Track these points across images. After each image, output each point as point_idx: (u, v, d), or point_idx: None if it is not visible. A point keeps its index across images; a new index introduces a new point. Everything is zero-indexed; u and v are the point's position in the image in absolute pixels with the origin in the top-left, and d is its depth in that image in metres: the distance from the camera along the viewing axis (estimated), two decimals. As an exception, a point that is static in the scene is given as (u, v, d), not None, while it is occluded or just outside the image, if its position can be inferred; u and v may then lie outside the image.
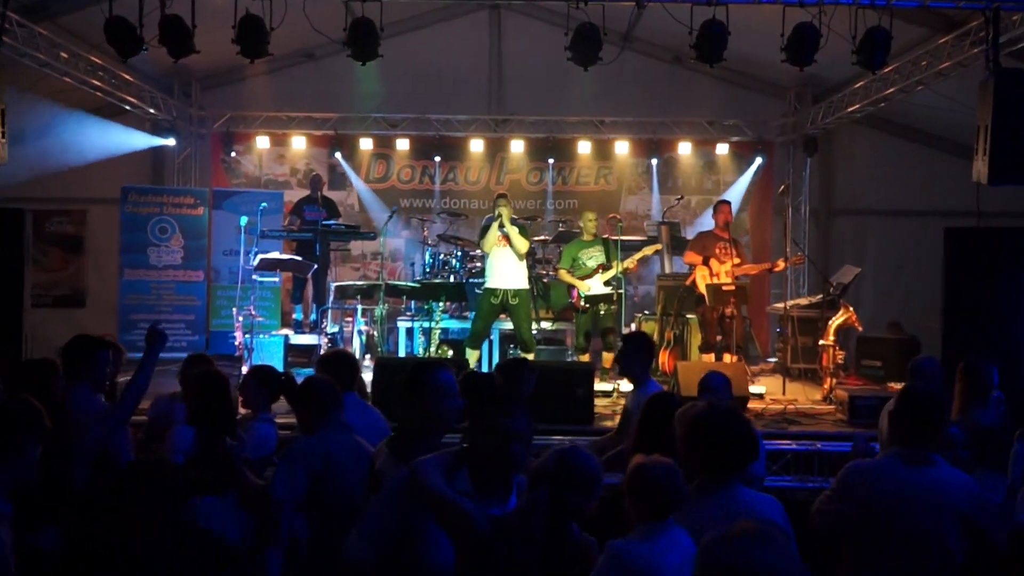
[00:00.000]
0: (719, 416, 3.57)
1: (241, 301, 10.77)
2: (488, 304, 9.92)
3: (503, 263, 9.89)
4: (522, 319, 9.94)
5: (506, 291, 9.84)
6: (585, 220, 10.58)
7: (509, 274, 9.90)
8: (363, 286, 11.26)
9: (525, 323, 9.97)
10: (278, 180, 14.67)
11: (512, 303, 9.88)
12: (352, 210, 14.58)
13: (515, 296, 9.89)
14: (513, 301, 9.88)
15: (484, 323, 10.06)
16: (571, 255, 10.62)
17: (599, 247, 10.33)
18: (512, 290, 9.87)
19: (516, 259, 9.89)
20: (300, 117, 14.27)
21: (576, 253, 10.60)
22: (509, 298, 9.86)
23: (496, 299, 9.86)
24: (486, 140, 14.34)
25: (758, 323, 13.68)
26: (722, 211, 10.40)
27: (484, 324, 10.07)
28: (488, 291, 9.94)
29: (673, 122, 14.23)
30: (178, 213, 12.86)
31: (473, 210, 14.31)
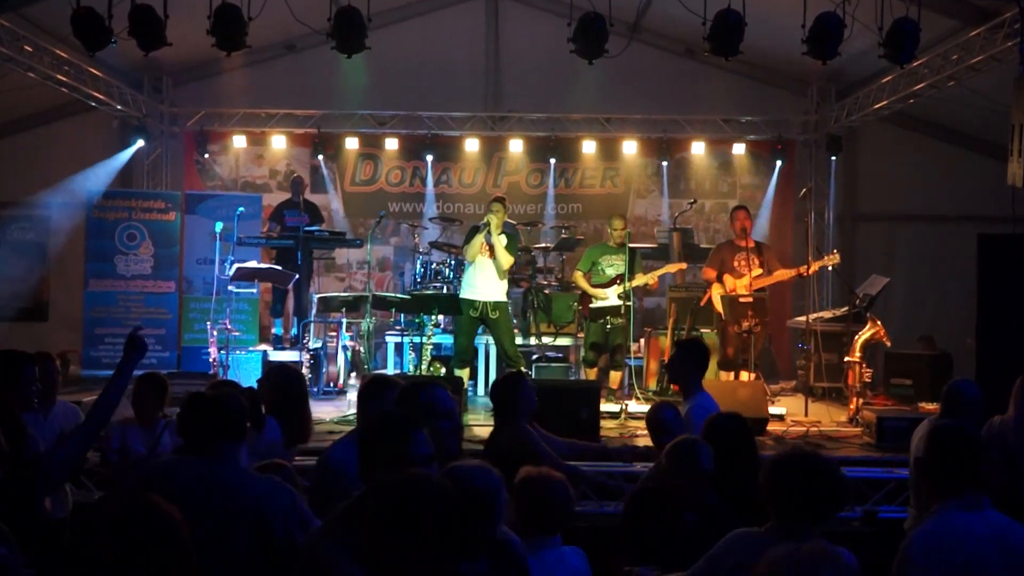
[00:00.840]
0: (798, 461, 3.56)
1: (216, 314, 10.77)
2: (467, 317, 10.00)
3: (483, 274, 9.97)
4: (503, 332, 10.02)
5: (485, 303, 9.91)
6: (612, 227, 10.56)
7: (488, 286, 9.98)
8: (348, 298, 11.26)
9: (507, 336, 10.05)
10: (256, 182, 14.70)
11: (492, 316, 9.94)
12: (336, 215, 14.59)
13: (495, 309, 9.95)
14: (493, 314, 9.94)
15: (467, 337, 10.12)
16: (592, 258, 10.64)
17: (622, 256, 10.31)
18: (491, 302, 9.94)
19: (496, 271, 9.95)
20: (280, 114, 14.31)
21: (598, 257, 10.62)
22: (488, 311, 9.93)
23: (475, 311, 9.96)
24: (482, 139, 14.38)
25: (778, 338, 13.69)
26: (738, 218, 10.40)
27: (467, 338, 10.14)
28: (466, 302, 10.00)
29: (685, 120, 14.27)
30: (148, 218, 12.87)
31: (468, 215, 14.33)
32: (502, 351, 10.10)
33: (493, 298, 9.93)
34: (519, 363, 9.99)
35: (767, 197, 14.58)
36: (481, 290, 9.95)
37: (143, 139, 13.85)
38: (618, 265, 10.35)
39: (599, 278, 10.53)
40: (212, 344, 10.44)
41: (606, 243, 10.72)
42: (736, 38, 8.43)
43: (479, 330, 10.41)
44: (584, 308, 10.70)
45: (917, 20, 8.41)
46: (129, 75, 13.77)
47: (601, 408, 8.61)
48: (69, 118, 14.05)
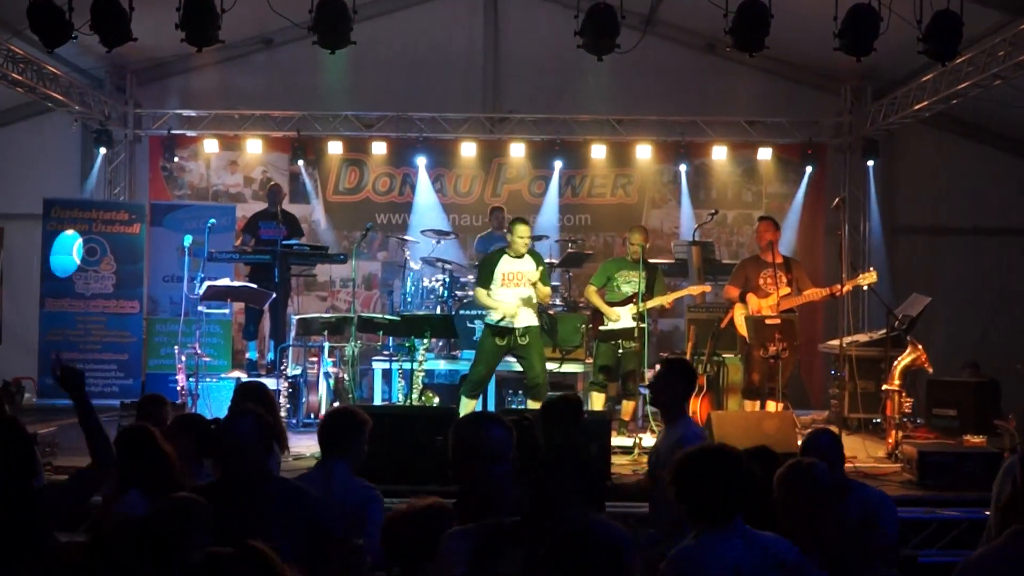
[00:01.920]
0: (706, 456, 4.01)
1: (184, 337, 10.77)
2: (492, 345, 9.90)
3: (514, 298, 9.87)
4: (535, 360, 9.92)
5: (513, 330, 9.85)
6: (634, 240, 10.52)
7: (520, 310, 9.87)
8: (331, 319, 11.27)
9: (539, 364, 9.95)
10: (229, 191, 14.76)
11: (521, 343, 9.87)
12: (318, 227, 14.64)
13: (524, 334, 9.87)
14: (522, 340, 9.86)
15: (487, 368, 10.05)
16: (607, 273, 10.61)
17: (640, 273, 10.29)
18: (520, 328, 9.87)
19: (524, 298, 9.88)
20: (256, 116, 14.37)
21: (614, 272, 10.58)
22: (517, 338, 9.87)
23: (502, 341, 9.86)
24: (480, 143, 14.44)
25: (808, 364, 13.69)
26: (764, 230, 10.39)
27: (487, 370, 10.07)
28: (492, 330, 9.92)
29: (705, 121, 14.33)
30: (109, 231, 12.90)
31: (464, 227, 14.38)
32: (532, 378, 9.94)
33: (522, 323, 9.87)
34: (543, 395, 9.90)
35: (796, 207, 14.62)
36: (512, 315, 9.84)
37: (105, 145, 13.91)
38: (635, 282, 10.33)
39: (614, 295, 10.52)
40: (180, 371, 10.43)
41: (624, 257, 10.71)
42: (761, 32, 8.47)
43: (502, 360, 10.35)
44: (594, 329, 10.70)
45: (960, 13, 8.45)
46: (90, 73, 13.84)
47: (612, 442, 8.61)
48: (24, 120, 14.14)
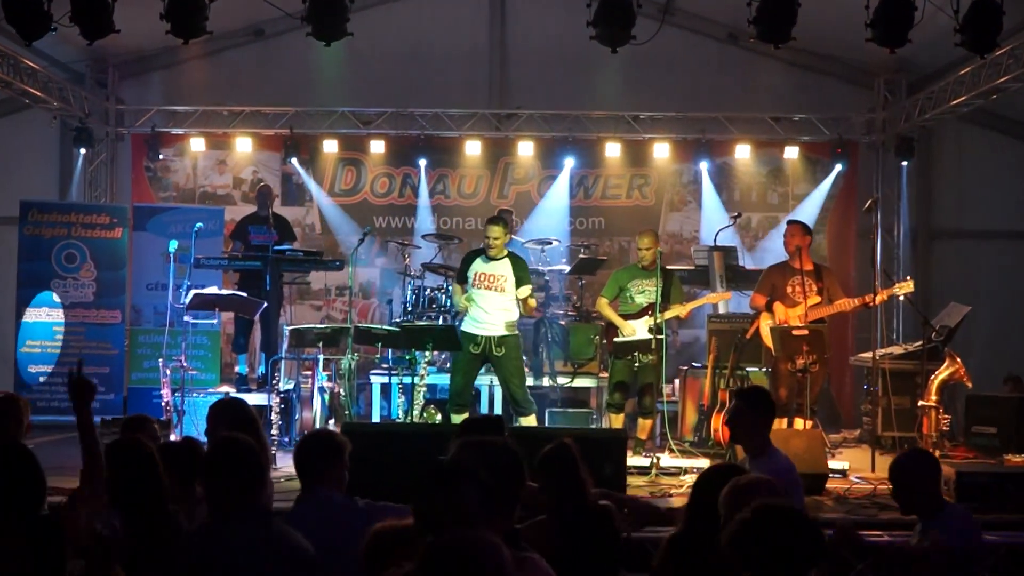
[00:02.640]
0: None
1: (169, 350, 10.79)
2: (467, 354, 10.02)
3: (484, 307, 10.00)
4: (511, 373, 10.02)
5: (488, 338, 9.94)
6: (641, 245, 10.53)
7: (492, 317, 9.99)
8: (326, 330, 11.27)
9: (515, 376, 10.05)
10: (217, 193, 14.79)
11: (496, 353, 9.96)
12: (312, 231, 14.68)
13: (500, 344, 9.96)
14: (497, 351, 9.96)
15: (464, 377, 10.15)
16: (619, 283, 10.62)
17: (654, 280, 10.29)
18: (496, 337, 9.96)
19: (501, 305, 9.99)
20: (246, 112, 14.41)
21: (626, 282, 10.60)
22: (492, 347, 9.95)
23: (476, 347, 10.00)
24: (486, 141, 14.46)
25: (839, 379, 13.67)
26: (793, 234, 10.38)
27: (464, 379, 10.16)
28: (465, 336, 10.03)
29: (728, 118, 14.34)
30: (90, 236, 12.93)
31: (469, 231, 14.38)
32: (508, 394, 10.10)
33: (498, 331, 9.96)
34: (529, 408, 9.99)
35: (827, 210, 14.60)
36: (484, 322, 9.98)
37: (85, 144, 13.94)
38: (650, 292, 10.32)
39: (627, 307, 10.52)
40: (165, 385, 10.45)
41: (636, 265, 10.71)
42: (787, 21, 8.49)
43: (482, 369, 10.43)
44: (608, 342, 10.69)
45: (999, 1, 8.45)
46: (70, 68, 13.88)
47: (628, 462, 8.60)
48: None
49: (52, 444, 10.28)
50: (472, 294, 10.04)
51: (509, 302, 10.01)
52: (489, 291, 9.98)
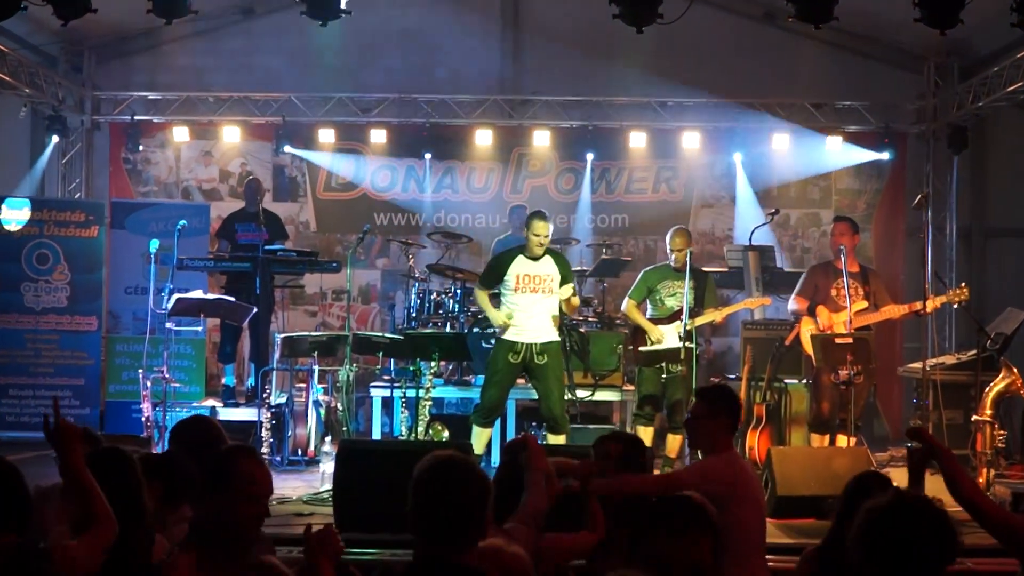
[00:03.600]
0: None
1: (150, 359, 10.81)
2: (505, 363, 9.87)
3: (527, 312, 9.87)
4: (551, 385, 9.90)
5: (530, 345, 9.84)
6: (673, 243, 10.53)
7: (535, 323, 9.88)
8: (322, 338, 11.30)
9: (556, 390, 9.93)
10: (202, 187, 14.83)
11: (538, 362, 9.85)
12: (306, 230, 14.70)
13: (542, 352, 9.86)
14: (539, 359, 9.85)
15: (500, 390, 10.02)
16: (648, 284, 10.59)
17: (687, 282, 10.26)
18: (539, 343, 9.86)
19: (544, 309, 9.90)
20: (234, 99, 14.43)
21: (656, 283, 10.57)
22: (534, 354, 9.86)
23: (516, 356, 9.84)
24: (498, 130, 14.47)
25: (886, 391, 13.64)
26: (838, 233, 10.39)
27: (500, 392, 10.03)
28: (502, 344, 9.92)
29: (764, 105, 14.32)
30: (63, 235, 12.94)
31: (479, 229, 14.38)
32: (546, 409, 9.92)
33: (542, 337, 9.88)
34: (564, 427, 9.90)
35: (872, 206, 14.58)
36: (526, 328, 9.87)
37: (58, 134, 13.98)
38: (682, 294, 10.28)
39: (657, 310, 10.49)
40: (145, 398, 10.48)
41: (668, 264, 10.69)
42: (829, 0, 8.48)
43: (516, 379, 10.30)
44: (634, 350, 10.64)
45: (1064, -23, 8.44)
46: (42, 51, 13.91)
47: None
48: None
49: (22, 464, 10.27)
50: (511, 299, 9.92)
51: (555, 304, 9.95)
52: (536, 294, 9.88)
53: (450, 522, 3.92)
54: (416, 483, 3.96)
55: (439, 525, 3.92)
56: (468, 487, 3.98)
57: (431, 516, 3.94)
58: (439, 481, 3.97)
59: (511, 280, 9.89)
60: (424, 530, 3.96)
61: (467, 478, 4.01)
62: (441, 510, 3.91)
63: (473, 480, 4.02)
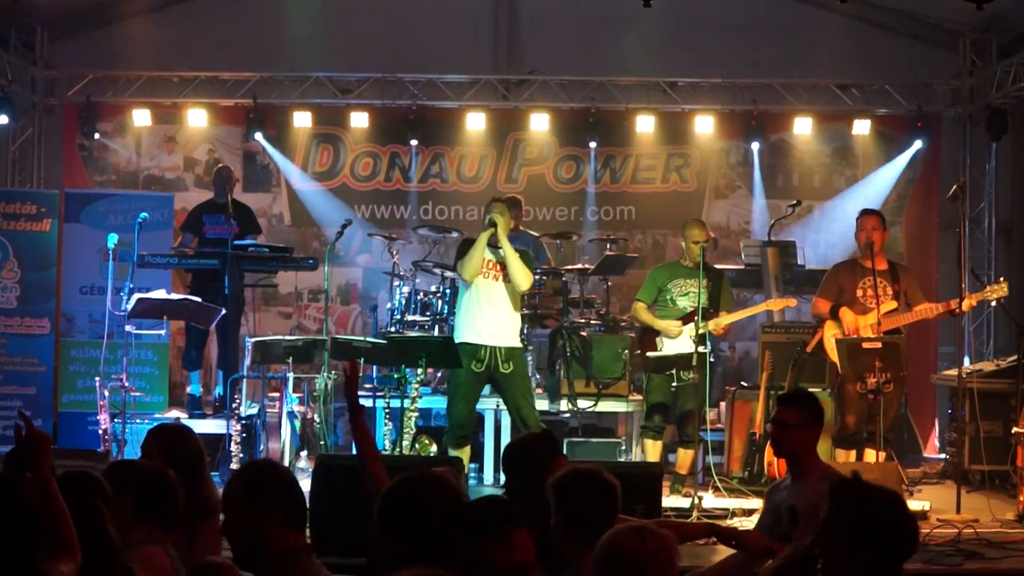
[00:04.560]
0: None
1: (108, 366, 10.81)
2: (467, 372, 9.88)
3: (491, 305, 9.92)
4: (522, 394, 9.95)
5: (493, 350, 9.84)
6: (688, 237, 10.54)
7: (497, 323, 9.91)
8: (297, 343, 11.30)
9: (524, 398, 9.97)
10: (166, 177, 14.83)
11: (503, 370, 9.88)
12: (280, 223, 14.71)
13: (508, 359, 9.88)
14: (504, 367, 9.87)
15: (467, 403, 10.01)
16: (657, 283, 10.63)
17: (700, 281, 10.27)
18: (503, 349, 9.88)
19: (509, 300, 9.95)
20: (201, 79, 14.42)
21: (666, 282, 10.59)
22: (499, 361, 9.86)
23: (479, 363, 9.84)
24: (491, 113, 14.48)
25: (919, 401, 13.65)
26: (865, 227, 10.38)
27: (467, 404, 10.02)
28: (465, 350, 9.88)
29: (784, 86, 14.34)
30: (12, 228, 12.92)
31: (471, 222, 14.38)
32: (520, 421, 9.98)
33: (506, 342, 9.91)
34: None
35: (903, 197, 14.59)
36: (488, 329, 9.88)
37: (6, 114, 13.95)
38: (695, 294, 10.30)
39: (667, 312, 10.50)
40: (103, 409, 10.47)
41: (679, 262, 10.70)
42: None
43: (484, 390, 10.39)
44: (642, 355, 10.63)
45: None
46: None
47: (664, 502, 8.61)
48: None
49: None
50: (475, 286, 9.95)
51: (512, 298, 9.97)
52: (497, 282, 9.92)
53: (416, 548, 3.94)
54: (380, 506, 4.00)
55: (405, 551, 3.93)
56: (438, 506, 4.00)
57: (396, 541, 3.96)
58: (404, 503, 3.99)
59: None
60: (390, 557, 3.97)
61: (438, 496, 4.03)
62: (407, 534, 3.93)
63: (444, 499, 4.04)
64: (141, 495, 5.38)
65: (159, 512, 5.20)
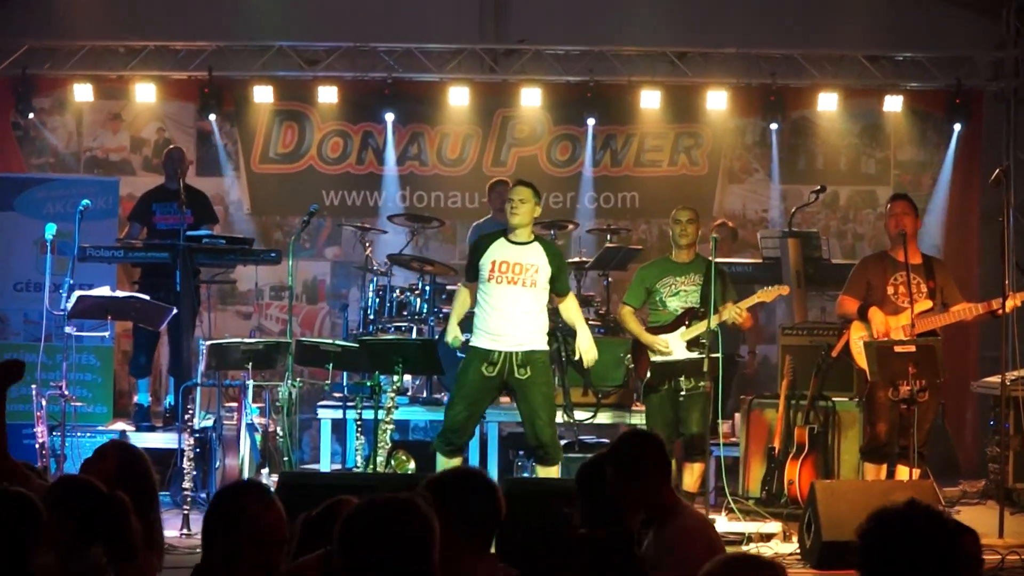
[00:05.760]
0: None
1: (46, 372, 10.81)
2: (477, 376, 9.83)
3: (508, 307, 9.85)
4: (538, 405, 9.86)
5: (509, 355, 9.84)
6: (676, 226, 10.53)
7: (517, 325, 9.86)
8: (258, 346, 11.32)
9: (544, 411, 9.89)
10: (110, 159, 14.84)
11: (519, 376, 9.82)
12: (238, 210, 14.72)
13: (525, 364, 9.83)
14: (521, 373, 9.81)
15: (468, 408, 9.95)
16: (645, 283, 10.56)
17: (695, 276, 10.27)
18: (521, 352, 9.82)
19: (532, 304, 9.90)
20: (150, 49, 14.42)
21: (654, 282, 10.52)
22: (515, 367, 9.81)
23: (491, 368, 9.79)
24: (477, 87, 14.51)
25: (957, 411, 13.69)
26: (896, 214, 10.39)
27: (468, 410, 9.96)
28: (477, 354, 9.88)
29: (807, 57, 14.37)
30: (-65, 217, 12.97)
31: (454, 210, 14.43)
32: (532, 434, 9.88)
33: (522, 345, 9.83)
34: (556, 457, 9.89)
35: (941, 182, 14.63)
36: (503, 332, 9.85)
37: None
38: (689, 293, 10.33)
39: (658, 315, 10.48)
40: (39, 420, 10.47)
41: (668, 257, 10.69)
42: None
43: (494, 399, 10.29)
44: (640, 367, 10.60)
45: None
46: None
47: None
48: None
49: None
50: (483, 291, 9.92)
51: (541, 302, 9.94)
52: (514, 286, 9.85)
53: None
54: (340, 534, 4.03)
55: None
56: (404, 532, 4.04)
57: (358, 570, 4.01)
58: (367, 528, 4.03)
59: (485, 266, 9.87)
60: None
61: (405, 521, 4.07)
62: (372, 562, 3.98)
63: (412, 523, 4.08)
64: (85, 520, 5.40)
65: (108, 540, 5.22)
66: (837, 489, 9.53)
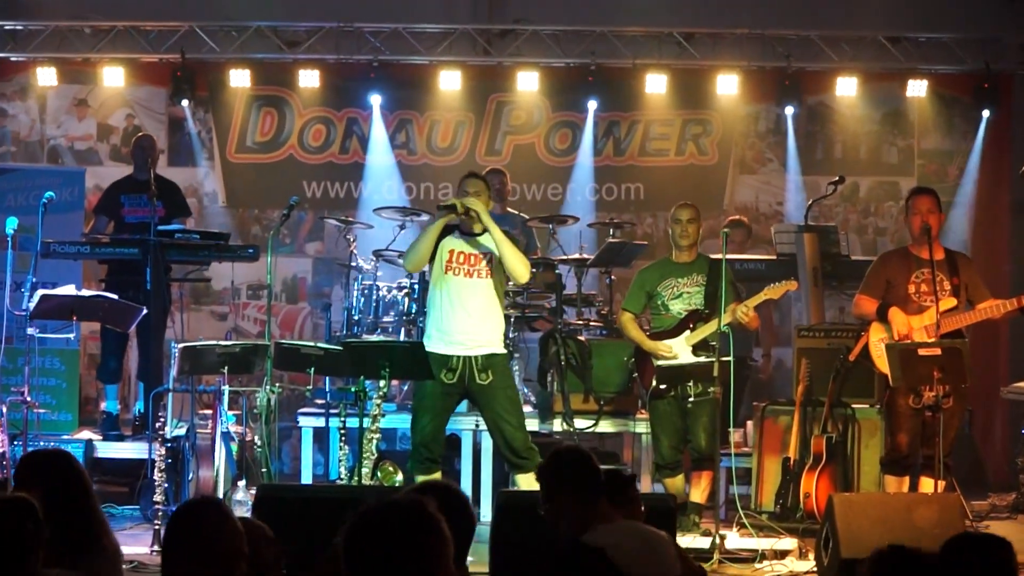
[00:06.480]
0: None
1: (7, 377, 10.82)
2: (437, 384, 9.88)
3: (462, 306, 9.90)
4: (504, 409, 9.93)
5: (467, 360, 9.85)
6: (676, 226, 10.55)
7: (472, 326, 9.91)
8: (234, 349, 11.32)
9: (511, 415, 9.95)
10: (76, 148, 14.84)
11: (480, 380, 9.87)
12: (213, 203, 14.73)
13: (485, 368, 9.87)
14: (482, 377, 9.86)
15: (434, 420, 10.02)
16: (645, 287, 10.61)
17: (698, 276, 10.30)
18: (480, 357, 9.88)
19: (487, 300, 9.95)
20: (118, 29, 14.42)
21: (655, 285, 10.57)
22: (475, 372, 9.86)
23: (451, 375, 9.85)
24: (469, 71, 14.53)
25: (986, 419, 13.71)
26: (919, 209, 10.40)
27: (435, 422, 10.02)
28: (436, 359, 9.85)
29: (824, 38, 14.38)
30: None
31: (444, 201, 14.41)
32: (502, 441, 9.98)
33: (482, 348, 9.88)
34: (532, 460, 9.94)
35: (968, 172, 14.64)
36: (459, 335, 9.89)
37: None
38: (692, 295, 10.36)
39: (660, 320, 10.51)
40: (0, 428, 10.48)
41: (669, 258, 10.70)
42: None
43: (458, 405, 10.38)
44: (645, 376, 10.60)
45: None
46: None
47: (680, 542, 8.64)
48: None
49: None
50: (439, 284, 9.96)
51: (494, 296, 9.97)
52: (470, 279, 9.89)
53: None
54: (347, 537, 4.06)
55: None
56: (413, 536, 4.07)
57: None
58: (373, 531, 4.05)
59: (442, 256, 9.92)
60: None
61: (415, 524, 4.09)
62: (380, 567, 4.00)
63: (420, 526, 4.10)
64: None
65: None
66: (857, 503, 9.50)
